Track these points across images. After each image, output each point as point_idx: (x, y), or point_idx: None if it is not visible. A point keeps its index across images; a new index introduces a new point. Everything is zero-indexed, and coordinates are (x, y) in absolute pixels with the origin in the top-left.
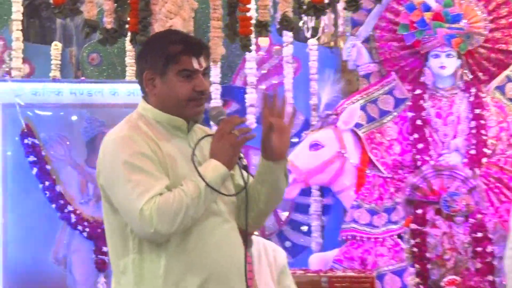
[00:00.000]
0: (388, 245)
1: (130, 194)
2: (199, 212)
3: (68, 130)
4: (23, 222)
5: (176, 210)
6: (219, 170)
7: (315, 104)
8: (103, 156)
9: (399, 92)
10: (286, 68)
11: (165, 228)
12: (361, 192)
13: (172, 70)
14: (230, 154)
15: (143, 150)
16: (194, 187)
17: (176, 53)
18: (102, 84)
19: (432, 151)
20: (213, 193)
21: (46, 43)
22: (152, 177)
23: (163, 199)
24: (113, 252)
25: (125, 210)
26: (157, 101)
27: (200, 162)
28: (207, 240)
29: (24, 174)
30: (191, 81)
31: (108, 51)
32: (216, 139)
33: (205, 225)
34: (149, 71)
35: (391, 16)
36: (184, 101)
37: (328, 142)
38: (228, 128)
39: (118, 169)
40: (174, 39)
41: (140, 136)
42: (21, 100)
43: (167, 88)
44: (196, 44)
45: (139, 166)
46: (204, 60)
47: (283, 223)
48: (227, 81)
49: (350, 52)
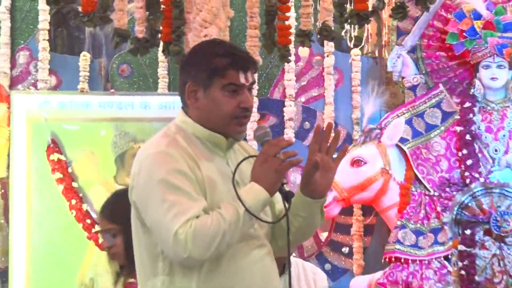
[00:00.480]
0: (434, 267)
1: (165, 215)
2: (236, 238)
3: (96, 145)
4: (48, 243)
5: (212, 235)
6: (261, 196)
7: (357, 118)
8: (139, 171)
9: (447, 105)
10: (327, 80)
11: (200, 253)
12: (406, 211)
13: (217, 83)
14: (273, 179)
15: (181, 168)
16: (233, 212)
17: (223, 66)
18: (133, 97)
19: (481, 168)
20: (252, 219)
21: (74, 53)
22: (190, 198)
23: (200, 223)
24: (141, 272)
25: (158, 232)
26: (199, 115)
27: (239, 183)
28: (242, 264)
29: (50, 191)
30: (236, 97)
31: (139, 62)
32: (259, 162)
33: (240, 249)
34: (192, 83)
35: (439, 24)
36: (228, 118)
37: (371, 158)
38: (273, 151)
39: (154, 186)
40: (221, 51)
41: (179, 153)
42: (47, 114)
43: (211, 103)
44: (244, 57)
45: (176, 185)
46: (251, 75)
47: (323, 244)
48: (264, 94)
49: (395, 63)
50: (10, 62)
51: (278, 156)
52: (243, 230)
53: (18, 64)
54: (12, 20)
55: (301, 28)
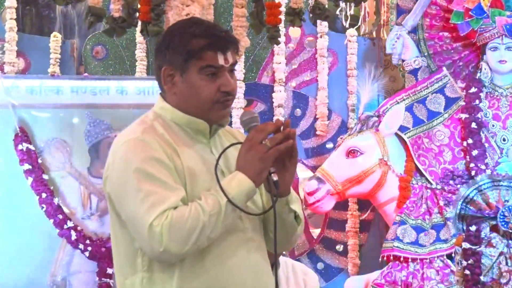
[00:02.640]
0: (436, 266)
1: (140, 206)
2: (217, 232)
3: (68, 134)
4: (16, 240)
5: (190, 228)
6: (245, 185)
7: (353, 104)
8: (112, 160)
9: (451, 90)
10: (320, 63)
11: (176, 248)
12: (406, 206)
13: (194, 66)
14: (258, 168)
15: (158, 156)
16: (213, 203)
17: (199, 47)
18: (108, 81)
19: (488, 159)
20: (235, 211)
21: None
22: (167, 188)
23: (177, 214)
24: (119, 270)
25: (132, 224)
26: (177, 100)
27: (224, 172)
28: (228, 260)
29: (18, 184)
30: (215, 80)
31: (115, 43)
32: (244, 150)
33: (226, 243)
34: (168, 67)
35: (443, 2)
36: (208, 103)
37: (368, 148)
38: (259, 137)
39: (128, 176)
40: (196, 31)
41: (156, 140)
42: (15, 99)
43: (188, 87)
44: (223, 36)
45: (152, 174)
46: (231, 56)
47: (315, 242)
48: (251, 78)
49: (394, 44)
50: None
51: (264, 143)
52: (226, 223)
53: None
54: None
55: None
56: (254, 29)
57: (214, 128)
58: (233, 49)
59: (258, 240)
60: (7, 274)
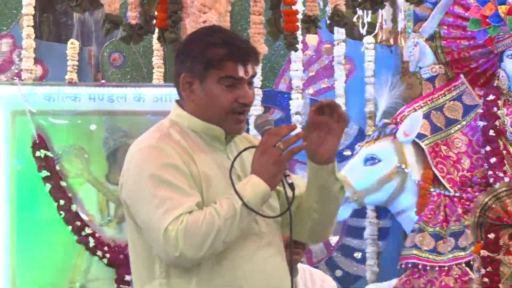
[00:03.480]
0: (454, 274)
1: (155, 211)
2: (233, 236)
3: (86, 141)
4: (34, 247)
5: (205, 232)
6: (260, 189)
7: (371, 111)
8: (128, 167)
9: (469, 98)
10: (338, 70)
11: (192, 252)
12: (424, 213)
13: (214, 76)
14: (273, 171)
15: (173, 162)
16: (228, 206)
17: (219, 57)
18: (125, 88)
19: (506, 166)
20: (250, 215)
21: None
22: (182, 193)
23: (192, 218)
24: (137, 276)
25: (148, 230)
26: (194, 108)
27: (240, 177)
28: (244, 264)
29: (36, 191)
30: (233, 91)
31: (132, 51)
32: (258, 153)
33: (243, 248)
34: (187, 74)
35: (460, 10)
36: (224, 113)
37: (385, 156)
38: (273, 140)
39: (144, 182)
40: (217, 40)
41: (171, 146)
42: (32, 107)
43: (206, 96)
44: (244, 48)
45: (167, 180)
46: (251, 68)
47: (333, 249)
48: (269, 85)
49: (412, 52)
50: None
51: (278, 146)
52: (241, 227)
53: (0, 52)
54: None
55: (307, 14)
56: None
57: (230, 135)
58: (254, 61)
59: (275, 244)
60: (26, 280)
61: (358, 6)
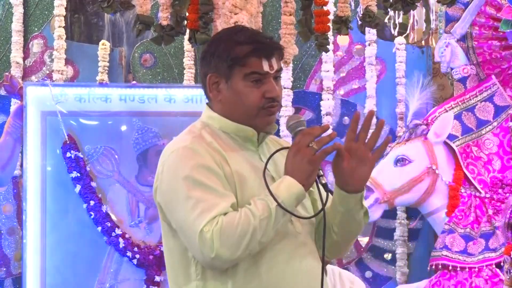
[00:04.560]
0: (485, 276)
1: (190, 213)
2: (269, 236)
3: (116, 142)
4: (64, 247)
5: (241, 233)
6: (294, 189)
7: (401, 112)
8: (161, 170)
9: (501, 99)
10: (369, 71)
11: (228, 253)
12: (455, 214)
13: (239, 73)
14: (307, 171)
15: (207, 163)
16: (263, 207)
17: (244, 54)
18: (156, 89)
19: None
20: (285, 215)
21: (92, 42)
22: (217, 194)
23: (227, 219)
24: (172, 279)
25: (183, 231)
26: (223, 108)
27: (274, 178)
28: (281, 265)
29: (66, 192)
30: (260, 87)
31: (163, 51)
32: (291, 154)
33: (279, 248)
34: (213, 74)
35: (492, 10)
36: (254, 110)
37: (416, 157)
38: (306, 141)
39: (178, 184)
40: (241, 38)
41: (204, 148)
42: (63, 108)
43: (233, 94)
44: (267, 43)
45: (201, 181)
46: (276, 62)
47: (363, 250)
48: (299, 86)
49: (443, 53)
50: (23, 51)
51: (311, 146)
52: (277, 227)
53: (32, 53)
54: (25, 6)
55: (338, 14)
56: (302, 37)
57: (262, 136)
58: (278, 56)
59: (310, 245)
60: (55, 281)
61: (390, 7)
